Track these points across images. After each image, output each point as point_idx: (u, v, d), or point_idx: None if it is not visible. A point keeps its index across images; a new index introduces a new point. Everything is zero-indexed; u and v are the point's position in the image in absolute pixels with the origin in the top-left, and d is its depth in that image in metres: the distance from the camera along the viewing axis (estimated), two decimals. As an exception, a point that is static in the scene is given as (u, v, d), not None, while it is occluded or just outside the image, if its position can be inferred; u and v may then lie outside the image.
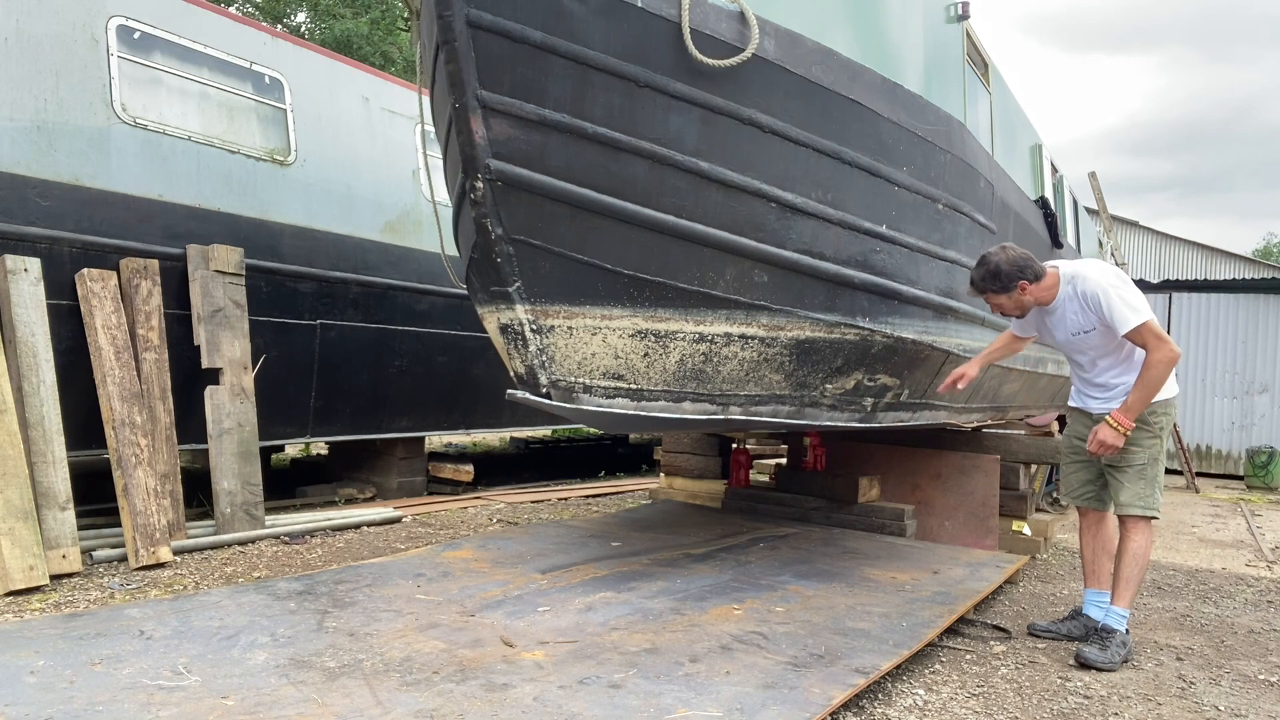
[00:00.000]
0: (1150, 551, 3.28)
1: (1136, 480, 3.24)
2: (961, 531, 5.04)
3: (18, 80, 4.08)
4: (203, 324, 4.59)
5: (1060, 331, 3.34)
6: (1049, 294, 3.29)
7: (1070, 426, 3.55)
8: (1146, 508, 3.23)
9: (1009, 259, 3.21)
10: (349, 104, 5.74)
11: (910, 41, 3.81)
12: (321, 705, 2.21)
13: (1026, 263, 3.21)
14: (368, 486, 6.33)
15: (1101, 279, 3.17)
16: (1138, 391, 3.13)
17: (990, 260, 3.23)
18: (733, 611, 3.25)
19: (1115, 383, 3.30)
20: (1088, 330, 3.24)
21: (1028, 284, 3.21)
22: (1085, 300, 3.19)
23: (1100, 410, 3.35)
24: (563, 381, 3.05)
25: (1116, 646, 3.15)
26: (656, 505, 5.90)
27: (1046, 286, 3.26)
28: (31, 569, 3.48)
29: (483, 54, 2.66)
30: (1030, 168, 5.81)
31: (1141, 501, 3.23)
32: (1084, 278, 3.20)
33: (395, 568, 3.71)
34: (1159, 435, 3.26)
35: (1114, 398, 3.29)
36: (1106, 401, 3.34)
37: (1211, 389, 12.42)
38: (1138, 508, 3.22)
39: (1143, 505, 3.23)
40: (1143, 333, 3.10)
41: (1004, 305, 3.30)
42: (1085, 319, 3.22)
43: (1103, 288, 3.14)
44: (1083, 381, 3.45)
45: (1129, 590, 3.25)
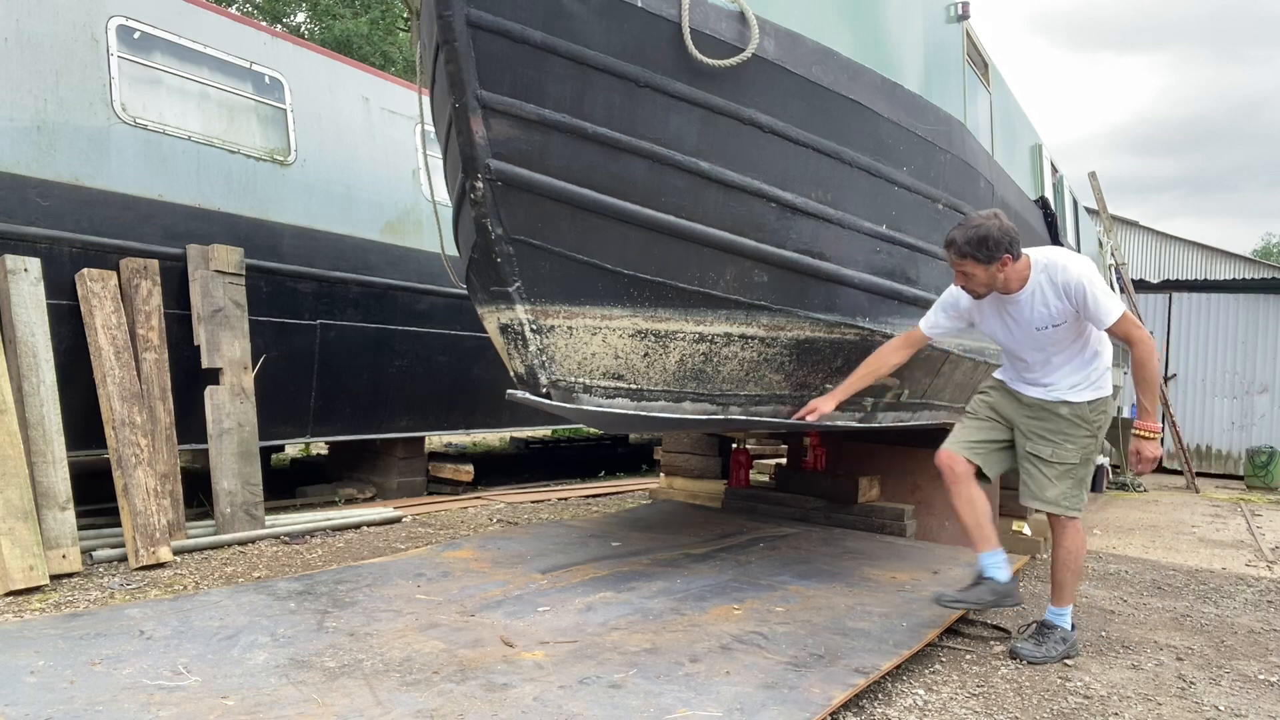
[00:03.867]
0: (1083, 547, 3.18)
1: (1065, 478, 3.09)
2: (962, 531, 5.03)
3: (18, 80, 4.08)
4: (203, 324, 4.59)
5: (1020, 324, 3.07)
6: (1019, 280, 3.02)
7: (987, 395, 3.32)
8: (1072, 508, 3.10)
9: (1001, 227, 2.91)
10: (349, 104, 5.74)
11: (910, 41, 3.81)
12: (321, 705, 2.20)
13: (1015, 236, 2.95)
14: (368, 486, 6.33)
15: (1082, 270, 2.97)
16: (1145, 390, 3.00)
17: (981, 225, 2.92)
18: (733, 611, 3.25)
19: (1067, 379, 3.12)
20: (1058, 324, 3.01)
21: (1010, 260, 2.94)
22: (1064, 291, 2.95)
23: (1039, 397, 3.14)
24: (563, 381, 3.05)
25: (1055, 642, 3.08)
26: (656, 505, 5.90)
27: (1020, 270, 3.00)
28: (31, 569, 3.48)
29: (483, 54, 2.66)
30: (1030, 168, 5.81)
31: (1068, 501, 3.10)
32: (1061, 268, 2.97)
33: (395, 568, 3.71)
34: (1096, 435, 3.13)
35: (1059, 390, 3.12)
36: (1049, 389, 3.13)
37: (1211, 389, 12.42)
38: (1063, 507, 3.09)
39: (1068, 505, 3.10)
40: (1125, 325, 2.96)
41: (975, 278, 2.99)
42: (1059, 311, 2.99)
43: (1085, 279, 2.93)
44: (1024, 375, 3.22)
45: (1068, 590, 3.16)
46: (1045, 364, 3.12)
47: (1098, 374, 3.14)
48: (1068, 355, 3.10)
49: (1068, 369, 3.11)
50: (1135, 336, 2.96)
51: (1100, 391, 3.13)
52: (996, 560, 3.15)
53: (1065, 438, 3.10)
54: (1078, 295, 2.94)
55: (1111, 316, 2.93)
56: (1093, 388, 3.13)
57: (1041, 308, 3.01)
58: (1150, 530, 6.68)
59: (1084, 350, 3.10)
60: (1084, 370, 3.10)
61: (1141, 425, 3.01)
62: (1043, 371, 3.14)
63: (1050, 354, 3.10)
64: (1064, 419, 3.11)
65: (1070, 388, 3.10)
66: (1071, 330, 3.04)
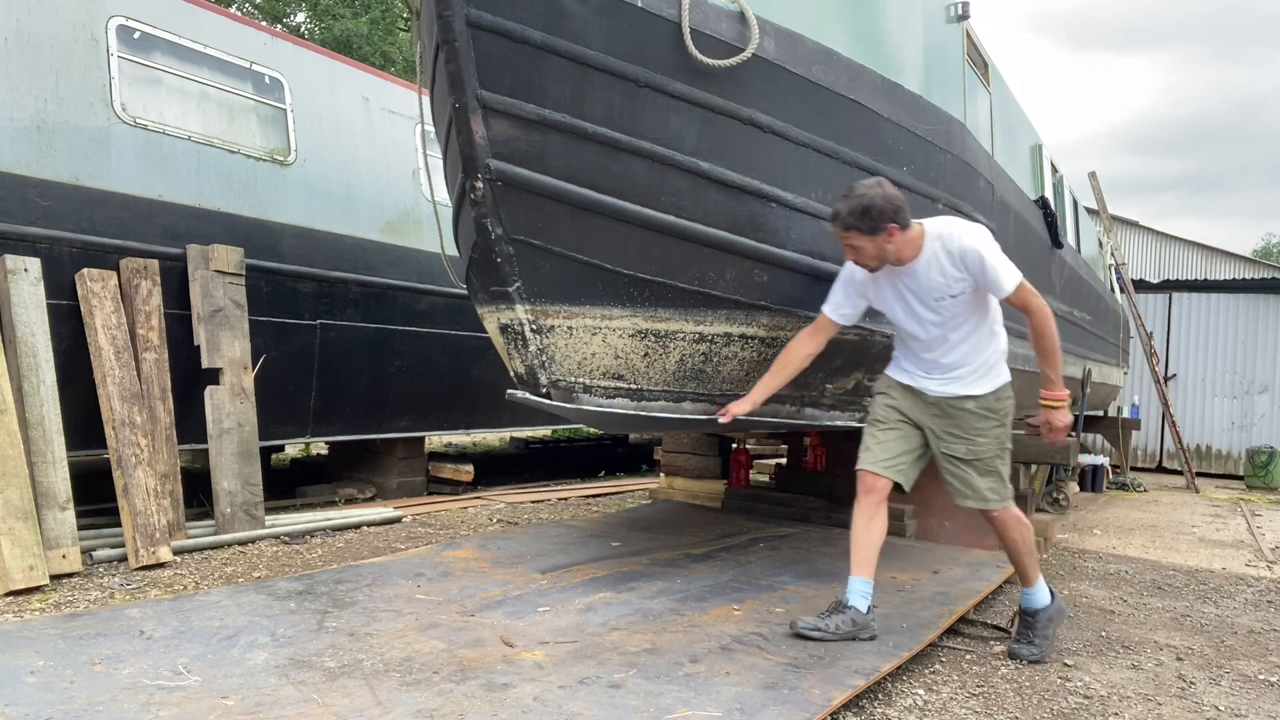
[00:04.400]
0: (1027, 528, 3.09)
1: (987, 474, 3.02)
2: (961, 531, 5.03)
3: (18, 80, 4.08)
4: (203, 324, 4.59)
5: (917, 296, 2.94)
6: (911, 250, 2.88)
7: (888, 395, 3.17)
8: (1001, 500, 3.03)
9: (885, 196, 2.78)
10: (349, 104, 5.74)
11: (910, 41, 3.81)
12: (321, 705, 2.20)
13: (901, 205, 2.80)
14: (368, 486, 6.33)
15: (976, 236, 2.86)
16: (1047, 360, 2.90)
17: (864, 194, 2.78)
18: (733, 612, 3.25)
19: (965, 362, 3.00)
20: (954, 295, 2.88)
21: (897, 230, 2.80)
22: (961, 259, 2.83)
23: (940, 392, 3.04)
24: (563, 381, 3.05)
25: (1042, 629, 3.09)
26: (656, 505, 5.90)
27: (911, 240, 2.87)
28: (31, 569, 3.48)
29: (483, 54, 2.66)
30: (1030, 168, 5.81)
31: (995, 494, 3.03)
32: (956, 235, 2.85)
33: (395, 568, 3.71)
34: (1004, 423, 3.03)
35: (959, 378, 3.01)
36: (949, 383, 3.02)
37: (1211, 389, 12.42)
38: (992, 501, 3.02)
39: (996, 498, 3.03)
40: (1023, 293, 2.83)
41: (863, 251, 2.85)
42: (955, 283, 2.87)
43: (981, 245, 2.82)
44: (922, 360, 3.07)
45: (1031, 570, 3.12)
46: (943, 342, 2.99)
47: (996, 357, 3.04)
48: (965, 332, 2.98)
49: (965, 348, 2.99)
50: (1033, 305, 2.85)
51: (1000, 378, 3.04)
52: (865, 589, 3.02)
53: (977, 432, 3.01)
54: (974, 262, 2.82)
55: (1009, 283, 2.82)
56: (992, 374, 3.03)
57: (938, 277, 2.88)
58: (1150, 530, 6.68)
59: (980, 328, 2.99)
60: (982, 353, 2.99)
61: (1048, 395, 2.93)
62: (940, 352, 3.00)
63: (948, 330, 2.97)
64: (971, 414, 3.01)
65: (970, 377, 2.99)
66: (968, 303, 2.92)
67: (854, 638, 2.95)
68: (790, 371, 3.15)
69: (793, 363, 3.15)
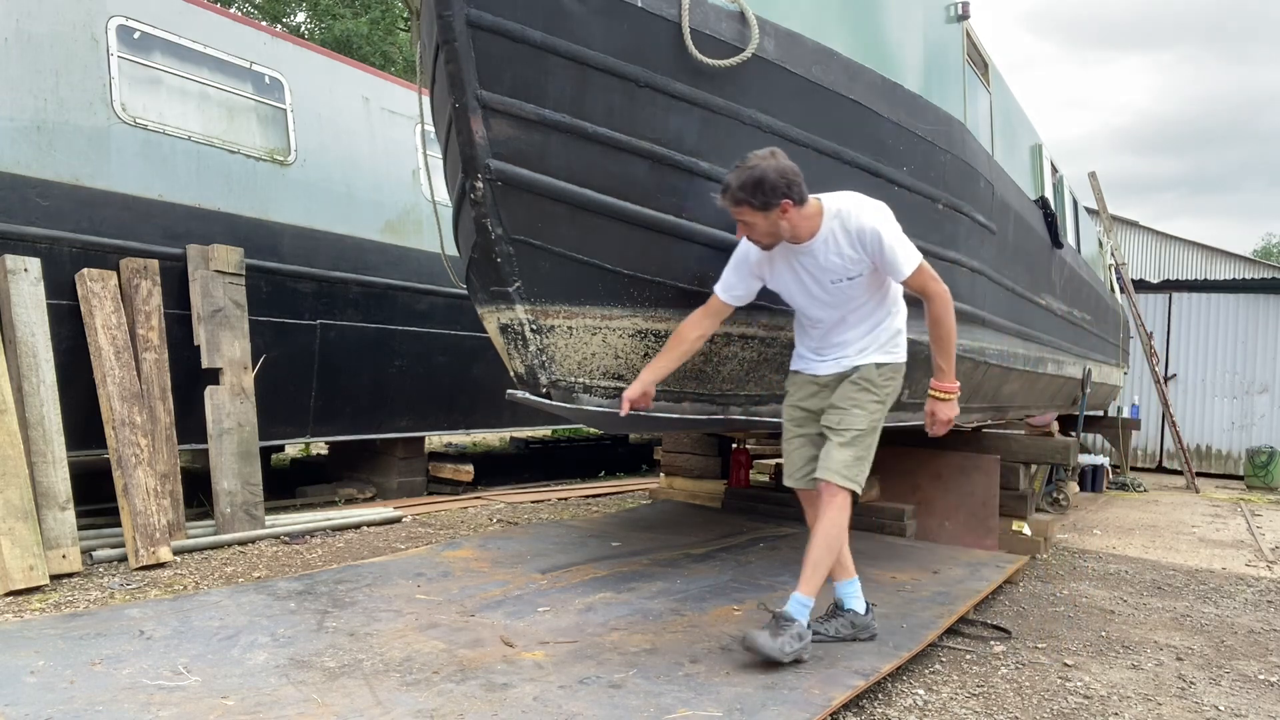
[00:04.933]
0: (845, 526, 2.80)
1: (849, 447, 2.79)
2: (961, 531, 5.04)
3: (18, 80, 4.08)
4: (203, 324, 4.59)
5: (814, 277, 2.78)
6: (808, 227, 2.71)
7: (790, 395, 3.05)
8: (849, 479, 2.77)
9: (778, 168, 2.57)
10: (349, 104, 5.74)
11: (910, 41, 3.81)
12: (321, 705, 2.20)
13: (796, 178, 2.61)
14: (368, 486, 6.33)
15: (876, 215, 2.70)
16: (940, 349, 2.76)
17: (755, 167, 2.58)
18: (733, 612, 3.25)
19: (858, 340, 2.86)
20: (853, 277, 2.73)
21: (791, 206, 2.61)
22: (858, 239, 2.68)
23: (831, 371, 2.89)
24: (563, 381, 3.04)
25: (790, 639, 2.65)
26: (656, 505, 5.90)
27: (808, 216, 2.69)
28: (31, 569, 3.48)
29: (483, 54, 2.65)
30: (1030, 168, 5.81)
31: (846, 470, 2.77)
32: (854, 214, 2.69)
33: (395, 568, 3.71)
34: (884, 402, 2.85)
35: (848, 356, 2.87)
36: (839, 360, 2.87)
37: (1211, 389, 12.42)
38: (843, 476, 2.76)
39: (845, 475, 2.76)
40: (923, 275, 2.69)
41: (756, 228, 2.67)
42: (853, 263, 2.72)
43: (880, 225, 2.67)
44: (817, 342, 2.95)
45: (818, 575, 2.74)
46: (839, 323, 2.87)
47: (888, 335, 2.89)
48: (863, 314, 2.85)
49: (861, 329, 2.87)
50: (932, 290, 2.71)
51: (891, 356, 2.88)
52: (854, 590, 2.98)
53: (853, 403, 2.82)
54: (872, 243, 2.67)
55: (908, 267, 2.67)
56: (882, 350, 2.87)
57: (835, 258, 2.72)
58: (1150, 530, 6.68)
59: (878, 309, 2.86)
60: (876, 330, 2.87)
61: (937, 385, 2.80)
62: (835, 332, 2.88)
63: (845, 311, 2.84)
64: (852, 384, 2.85)
65: (859, 351, 2.86)
66: (867, 285, 2.78)
67: (855, 639, 2.94)
68: (680, 353, 2.96)
69: (682, 344, 2.95)
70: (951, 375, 2.80)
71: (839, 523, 2.78)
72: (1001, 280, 4.84)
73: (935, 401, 2.84)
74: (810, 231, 2.72)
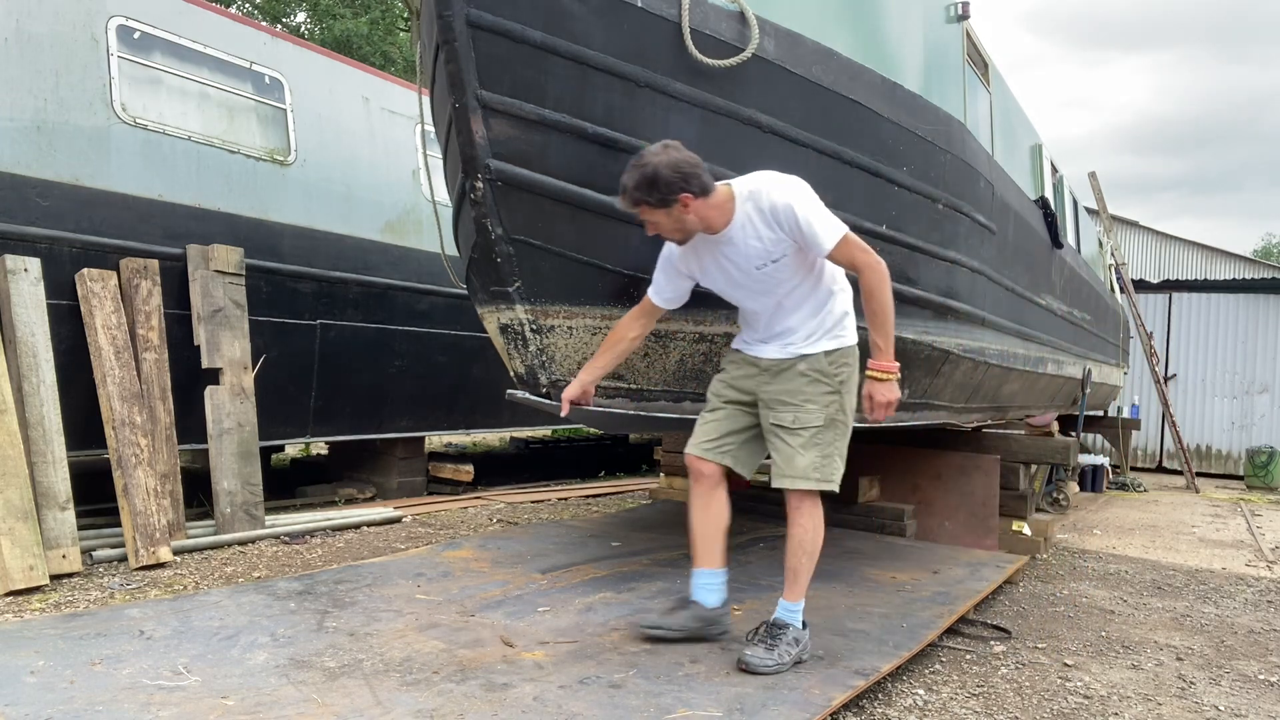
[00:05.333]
0: (821, 531, 2.72)
1: (812, 446, 2.65)
2: (961, 531, 5.04)
3: (17, 80, 4.08)
4: (203, 324, 4.59)
5: (739, 266, 2.66)
6: (721, 216, 2.59)
7: (724, 372, 2.92)
8: (824, 479, 2.66)
9: (670, 162, 2.45)
10: (349, 104, 5.74)
11: (910, 41, 3.81)
12: (321, 705, 2.20)
13: (693, 170, 2.48)
14: (368, 486, 6.33)
15: (790, 191, 2.56)
16: (876, 325, 2.59)
17: (646, 164, 2.46)
18: (733, 612, 3.25)
19: (802, 325, 2.71)
20: (776, 259, 2.60)
21: (691, 198, 2.49)
22: (773, 218, 2.54)
23: (774, 356, 2.74)
24: (563, 381, 3.04)
25: (787, 645, 2.61)
26: (656, 505, 5.90)
27: (717, 205, 2.56)
28: (31, 569, 3.48)
29: (483, 54, 2.66)
30: (1030, 168, 5.82)
31: (819, 472, 2.65)
32: (766, 192, 2.56)
33: (395, 568, 3.71)
34: (840, 391, 2.69)
35: (794, 342, 2.71)
36: (786, 346, 2.72)
37: (1211, 389, 12.42)
38: (814, 479, 2.65)
39: (819, 476, 2.65)
40: (849, 248, 2.54)
41: (661, 225, 2.57)
42: (774, 244, 2.58)
43: (794, 200, 2.53)
44: (759, 329, 2.81)
45: (803, 580, 2.70)
46: (777, 310, 2.72)
47: (834, 319, 2.73)
48: (799, 297, 2.69)
49: (803, 313, 2.71)
50: (862, 262, 2.56)
51: (839, 340, 2.72)
52: (712, 582, 2.83)
53: (805, 398, 2.66)
54: (788, 220, 2.53)
55: (830, 239, 2.51)
56: (830, 336, 2.71)
57: (755, 242, 2.59)
58: (1150, 530, 6.68)
59: (817, 289, 2.71)
60: (819, 314, 2.71)
61: (875, 365, 2.61)
62: (776, 320, 2.73)
63: (780, 297, 2.69)
64: (802, 376, 2.69)
65: (806, 338, 2.70)
66: (795, 266, 2.63)
67: (702, 635, 2.77)
68: (616, 353, 2.89)
69: (618, 344, 2.88)
70: (890, 353, 2.61)
71: (813, 527, 2.70)
72: (1001, 280, 4.84)
73: (873, 382, 2.62)
74: (724, 220, 2.60)
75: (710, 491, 2.84)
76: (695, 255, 2.73)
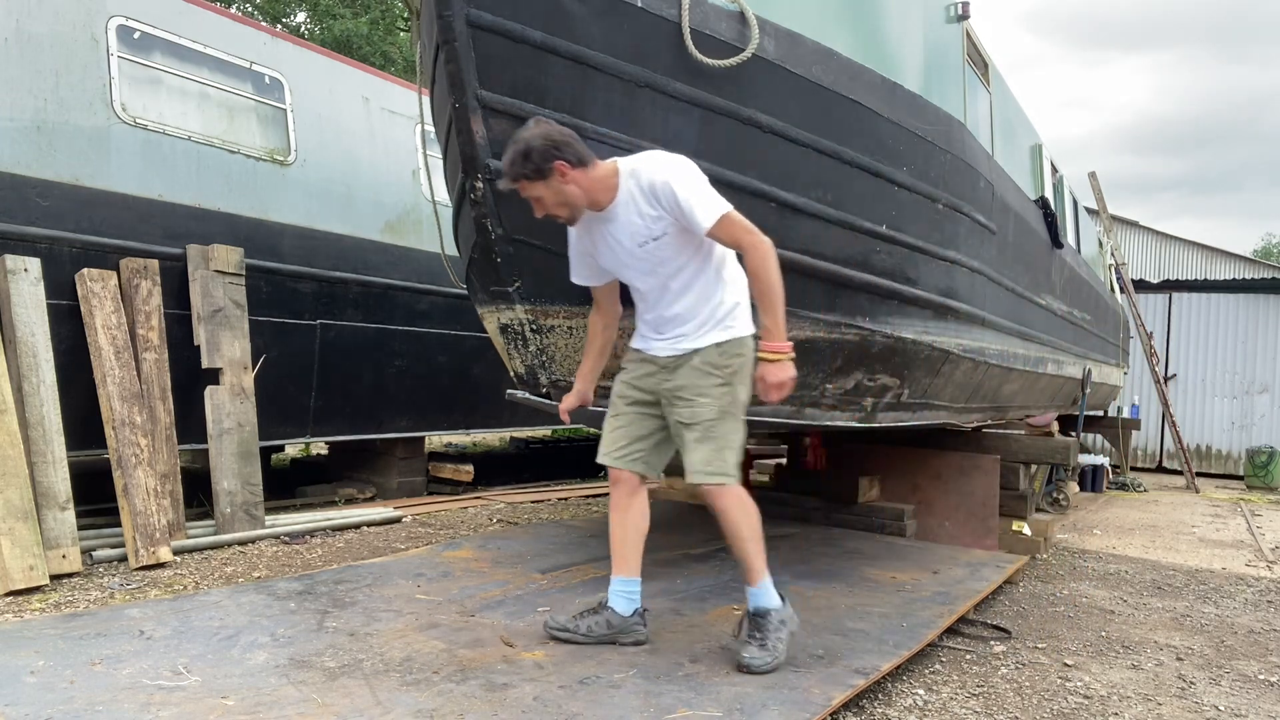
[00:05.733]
0: (751, 512, 2.67)
1: (706, 441, 2.60)
2: (961, 531, 5.04)
3: (17, 80, 4.08)
4: (203, 324, 4.59)
5: (623, 245, 2.62)
6: (605, 192, 2.56)
7: (624, 372, 2.85)
8: (714, 473, 2.60)
9: (542, 133, 2.46)
10: (349, 104, 5.74)
11: (910, 41, 3.81)
12: (321, 705, 2.20)
13: (564, 139, 2.48)
14: (368, 486, 6.33)
15: (670, 167, 2.53)
16: (764, 305, 2.52)
17: (519, 139, 2.47)
18: (733, 612, 3.24)
19: (692, 315, 2.64)
20: (657, 237, 2.56)
21: (568, 167, 2.47)
22: (652, 194, 2.51)
23: (669, 353, 2.67)
24: (563, 381, 3.05)
25: (776, 634, 2.62)
26: (656, 505, 5.89)
27: (599, 179, 2.54)
28: (31, 569, 3.48)
29: (483, 54, 2.66)
30: (1030, 168, 5.82)
31: (709, 467, 2.60)
32: (645, 170, 2.53)
33: (395, 568, 3.71)
34: (731, 383, 2.62)
35: (685, 334, 2.65)
36: (676, 340, 2.66)
37: (1211, 389, 12.42)
38: (706, 474, 2.60)
39: (709, 471, 2.60)
40: (730, 227, 2.48)
41: (544, 201, 2.54)
42: (654, 222, 2.54)
43: (673, 176, 2.49)
44: (649, 318, 2.75)
45: (755, 562, 2.67)
46: (663, 293, 2.66)
47: (724, 310, 2.66)
48: (685, 279, 2.63)
49: (690, 299, 2.64)
50: (746, 241, 2.50)
51: (730, 332, 2.64)
52: (628, 590, 2.80)
53: (698, 392, 2.62)
54: (666, 197, 2.49)
55: (708, 216, 2.46)
56: (720, 327, 2.64)
57: (636, 218, 2.56)
58: (1150, 530, 6.68)
59: (703, 274, 2.64)
60: (709, 304, 2.64)
61: (765, 346, 2.53)
62: (664, 303, 2.67)
63: (665, 278, 2.64)
64: (694, 369, 2.64)
65: (697, 330, 2.64)
66: (678, 245, 2.58)
67: (611, 641, 2.72)
68: (597, 350, 2.91)
69: (594, 342, 2.91)
70: (780, 334, 2.52)
71: (738, 516, 2.64)
72: (1001, 280, 4.84)
73: (764, 364, 2.54)
74: (609, 197, 2.58)
75: (628, 497, 2.81)
76: (589, 234, 2.70)
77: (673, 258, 2.60)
